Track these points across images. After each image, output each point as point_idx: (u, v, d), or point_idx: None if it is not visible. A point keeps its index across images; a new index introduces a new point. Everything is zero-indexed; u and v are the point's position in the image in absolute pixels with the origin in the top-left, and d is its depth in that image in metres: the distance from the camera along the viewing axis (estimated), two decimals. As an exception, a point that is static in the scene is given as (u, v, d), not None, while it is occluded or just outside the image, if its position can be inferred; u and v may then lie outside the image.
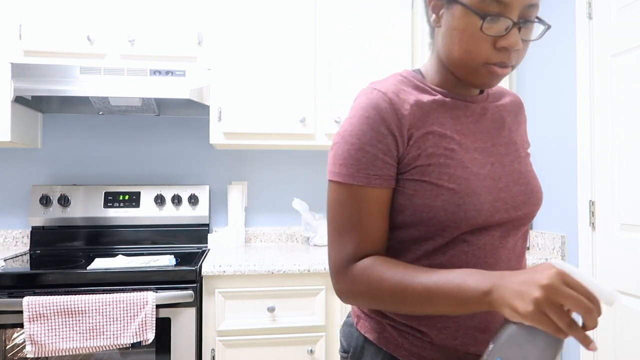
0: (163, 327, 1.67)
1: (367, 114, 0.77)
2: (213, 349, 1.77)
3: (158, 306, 1.65)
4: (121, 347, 1.60)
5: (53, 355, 1.56)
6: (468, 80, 0.78)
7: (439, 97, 0.82)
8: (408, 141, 0.77)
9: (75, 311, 1.56)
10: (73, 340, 1.56)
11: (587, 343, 0.60)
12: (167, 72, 1.96)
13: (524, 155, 0.85)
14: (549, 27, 0.76)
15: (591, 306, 0.60)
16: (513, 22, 0.72)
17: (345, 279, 0.77)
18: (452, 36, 0.75)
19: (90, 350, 1.58)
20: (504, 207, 0.78)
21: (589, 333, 1.78)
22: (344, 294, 0.78)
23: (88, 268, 1.68)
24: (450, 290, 0.68)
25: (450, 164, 0.77)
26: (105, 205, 2.20)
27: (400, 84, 0.82)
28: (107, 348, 1.58)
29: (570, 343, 1.92)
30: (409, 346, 0.81)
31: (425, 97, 0.81)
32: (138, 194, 2.24)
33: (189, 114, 2.37)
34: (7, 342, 1.69)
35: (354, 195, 0.77)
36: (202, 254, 2.03)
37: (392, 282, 0.73)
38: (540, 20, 0.76)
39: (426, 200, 0.76)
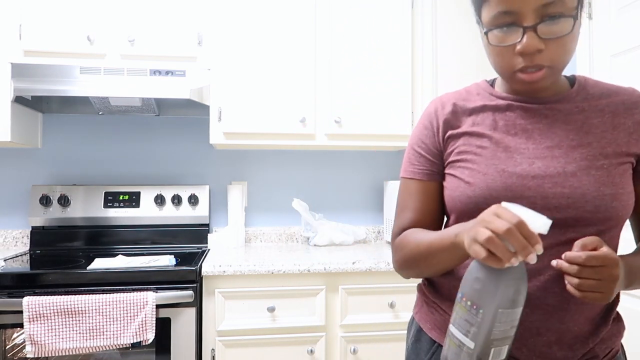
0: (163, 327, 1.67)
1: (421, 120, 0.95)
2: (213, 349, 1.77)
3: (158, 306, 1.65)
4: (121, 347, 1.60)
5: (53, 355, 1.56)
6: (514, 88, 0.84)
7: (495, 102, 0.87)
8: (445, 140, 0.90)
9: (75, 311, 1.56)
10: (73, 340, 1.56)
11: (528, 258, 0.66)
12: (167, 72, 1.96)
13: (592, 159, 0.79)
14: (575, 17, 0.74)
15: (514, 231, 0.65)
16: (523, 27, 0.75)
17: (392, 249, 0.95)
18: (487, 53, 0.84)
19: (90, 350, 1.58)
20: (530, 207, 0.78)
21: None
22: (393, 263, 0.94)
23: (88, 268, 1.68)
24: (439, 240, 0.80)
25: (476, 160, 0.84)
26: (105, 205, 2.20)
27: (466, 92, 0.92)
28: (107, 348, 1.58)
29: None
30: (433, 320, 0.92)
31: (479, 102, 0.88)
32: (138, 194, 2.24)
33: (189, 114, 2.37)
34: (7, 342, 1.69)
35: (404, 185, 0.95)
36: (202, 254, 2.03)
37: (412, 244, 0.87)
38: (559, 16, 0.74)
39: (450, 192, 0.87)
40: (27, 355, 1.54)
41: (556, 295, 0.78)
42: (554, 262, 0.72)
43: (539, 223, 0.67)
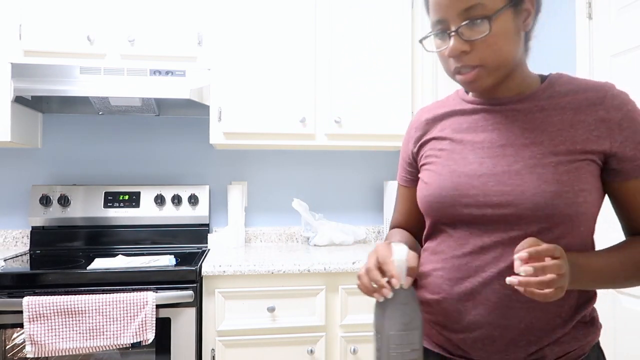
0: (163, 327, 1.67)
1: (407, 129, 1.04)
2: (213, 349, 1.77)
3: (158, 306, 1.65)
4: (121, 347, 1.60)
5: (53, 355, 1.56)
6: (467, 90, 0.88)
7: (464, 106, 0.91)
8: (418, 148, 0.97)
9: (75, 311, 1.56)
10: (73, 340, 1.56)
11: (380, 294, 0.77)
12: (167, 72, 1.96)
13: (541, 157, 0.79)
14: (488, 18, 0.76)
15: (371, 270, 0.79)
16: (448, 32, 0.80)
17: None
18: None
19: (90, 350, 1.58)
20: (474, 204, 0.82)
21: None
22: None
23: (88, 268, 1.68)
24: None
25: (435, 162, 0.90)
26: (105, 205, 2.20)
27: (446, 99, 0.97)
28: (107, 348, 1.58)
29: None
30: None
31: (450, 108, 0.93)
32: (138, 194, 2.24)
33: (189, 114, 2.37)
34: (7, 342, 1.69)
35: (397, 189, 1.08)
36: (202, 254, 2.03)
37: None
38: (481, 18, 0.76)
39: (417, 194, 0.95)
40: (27, 355, 1.54)
41: (497, 292, 0.80)
42: (508, 281, 0.69)
43: (403, 254, 0.78)
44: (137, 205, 2.22)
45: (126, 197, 2.22)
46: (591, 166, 0.79)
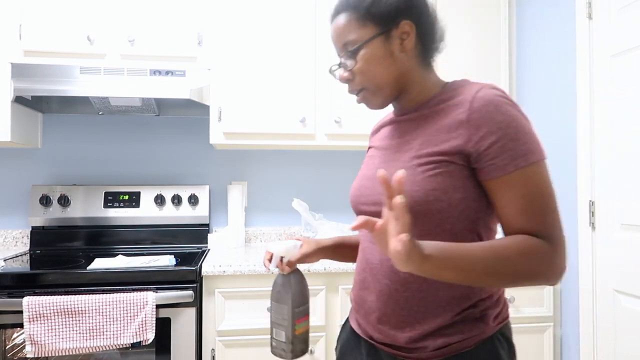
0: (163, 327, 1.67)
1: None
2: (213, 349, 1.77)
3: (158, 306, 1.65)
4: (121, 347, 1.60)
5: (53, 355, 1.56)
6: None
7: (389, 118, 1.03)
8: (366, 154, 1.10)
9: (75, 311, 1.56)
10: (73, 340, 1.56)
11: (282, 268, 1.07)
12: (167, 72, 1.96)
13: (409, 161, 0.86)
14: (357, 49, 0.89)
15: (266, 253, 1.08)
16: (337, 64, 0.95)
17: None
18: None
19: (90, 350, 1.58)
20: (365, 202, 0.95)
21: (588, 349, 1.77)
22: None
23: (88, 268, 1.68)
24: None
25: (362, 167, 1.05)
26: (105, 205, 2.20)
27: (390, 112, 1.07)
28: (107, 348, 1.58)
29: (570, 342, 1.92)
30: None
31: (384, 121, 1.06)
32: (138, 194, 2.24)
33: (189, 114, 2.37)
34: (7, 342, 1.69)
35: None
36: (202, 254, 2.03)
37: None
38: (355, 50, 0.89)
39: None
40: (27, 355, 1.54)
41: (381, 281, 0.90)
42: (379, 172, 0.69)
43: (281, 249, 1.06)
44: (137, 205, 2.22)
45: (126, 197, 2.22)
46: (450, 167, 0.81)
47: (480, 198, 0.83)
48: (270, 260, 1.07)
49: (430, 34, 0.92)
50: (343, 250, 1.14)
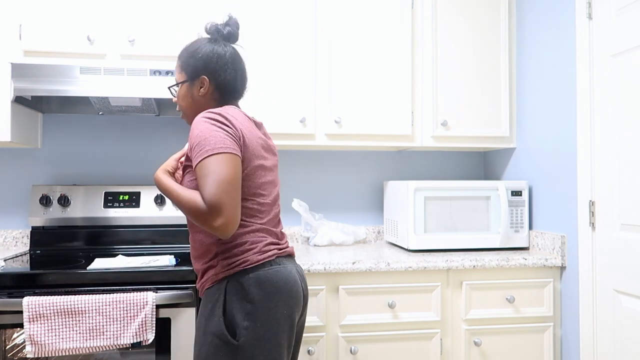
0: (163, 327, 1.67)
1: None
2: (213, 349, 1.76)
3: (158, 306, 1.65)
4: (121, 347, 1.60)
5: (53, 355, 1.56)
6: None
7: None
8: None
9: (75, 311, 1.56)
10: (73, 341, 1.56)
11: None
12: (167, 72, 1.96)
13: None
14: (171, 86, 1.44)
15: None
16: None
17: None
18: None
19: (90, 351, 1.58)
20: None
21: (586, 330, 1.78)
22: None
23: (88, 268, 1.68)
24: None
25: None
26: (105, 205, 2.20)
27: None
28: (107, 348, 1.58)
29: (570, 342, 1.92)
30: None
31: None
32: (138, 194, 2.24)
33: (189, 114, 2.36)
34: (7, 342, 1.69)
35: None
36: (202, 254, 2.03)
37: None
38: (173, 86, 1.43)
39: None
40: (27, 356, 1.54)
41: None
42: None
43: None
44: (137, 205, 2.22)
45: (126, 197, 2.22)
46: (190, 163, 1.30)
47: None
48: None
49: (225, 86, 1.37)
50: None
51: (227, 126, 1.24)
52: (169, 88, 1.42)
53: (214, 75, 1.36)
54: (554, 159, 2.02)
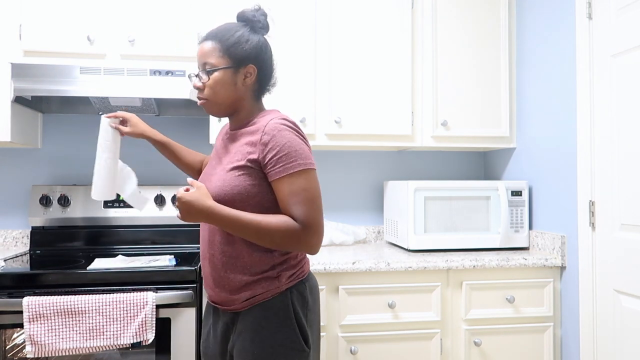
0: (163, 327, 1.67)
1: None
2: (213, 349, 1.77)
3: (158, 306, 1.65)
4: (121, 347, 1.60)
5: (53, 355, 1.56)
6: None
7: (225, 129, 1.39)
8: None
9: (75, 311, 1.57)
10: (73, 341, 1.56)
11: None
12: (167, 72, 1.96)
13: (221, 169, 1.26)
14: (211, 71, 1.24)
15: None
16: (195, 74, 1.28)
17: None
18: None
19: (90, 351, 1.58)
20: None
21: (594, 329, 1.78)
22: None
23: (88, 268, 1.68)
24: None
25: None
26: (105, 206, 2.20)
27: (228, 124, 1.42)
28: (107, 348, 1.58)
29: (570, 342, 1.92)
30: None
31: (223, 129, 1.40)
32: (138, 194, 2.23)
33: (189, 114, 2.37)
34: (7, 342, 1.69)
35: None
36: (202, 254, 2.03)
37: None
38: (210, 70, 1.24)
39: None
40: (27, 356, 1.54)
41: (204, 252, 1.29)
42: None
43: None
44: (137, 205, 2.22)
45: (126, 197, 2.22)
46: (249, 170, 1.20)
47: (271, 192, 1.22)
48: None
49: (266, 79, 1.31)
50: (166, 151, 1.58)
51: (306, 139, 1.24)
52: (207, 70, 1.23)
53: (262, 65, 1.29)
54: (554, 159, 2.02)
